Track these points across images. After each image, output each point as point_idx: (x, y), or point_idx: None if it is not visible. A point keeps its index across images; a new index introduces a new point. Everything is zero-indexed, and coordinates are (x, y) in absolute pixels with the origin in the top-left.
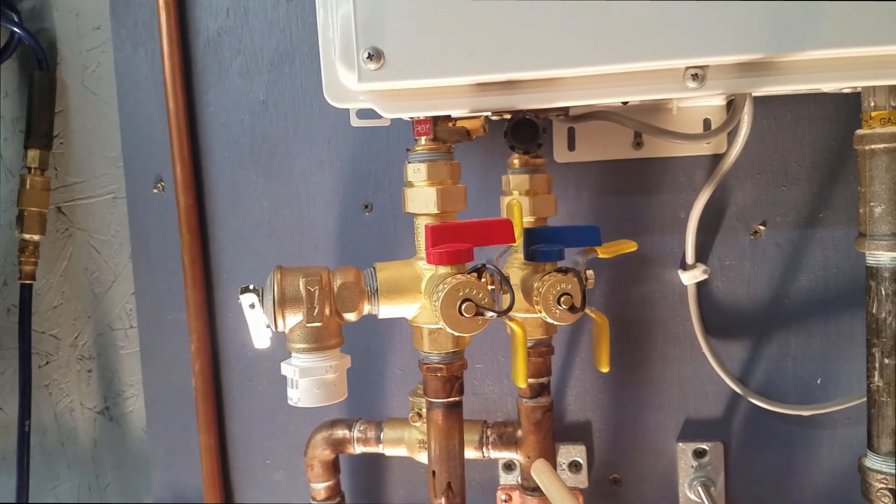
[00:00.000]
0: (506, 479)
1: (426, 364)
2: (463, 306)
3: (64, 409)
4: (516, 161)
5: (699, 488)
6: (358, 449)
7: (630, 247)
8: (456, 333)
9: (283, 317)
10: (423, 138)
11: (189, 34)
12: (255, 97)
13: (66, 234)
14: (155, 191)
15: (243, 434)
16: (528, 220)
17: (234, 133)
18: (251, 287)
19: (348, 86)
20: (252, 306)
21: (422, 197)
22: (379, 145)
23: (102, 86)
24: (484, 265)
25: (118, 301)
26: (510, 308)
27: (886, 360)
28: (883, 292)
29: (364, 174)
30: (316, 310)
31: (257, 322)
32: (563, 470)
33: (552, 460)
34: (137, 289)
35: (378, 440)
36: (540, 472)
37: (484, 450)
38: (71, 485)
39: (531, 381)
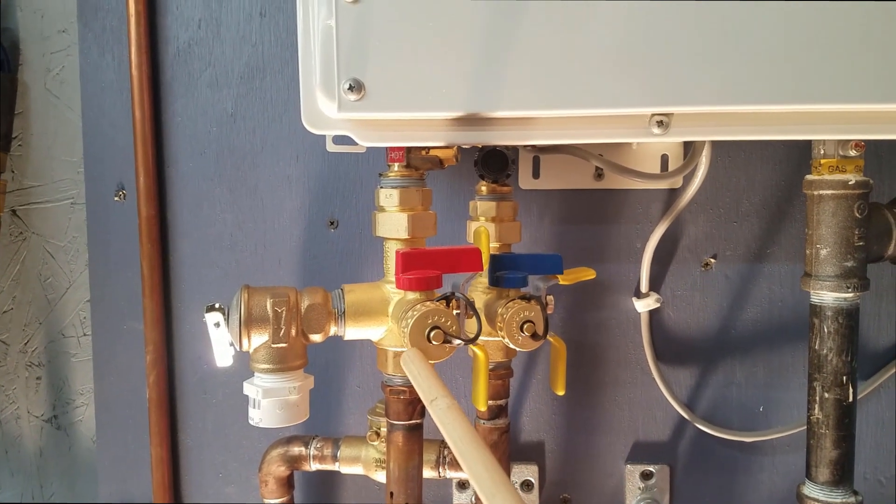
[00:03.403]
0: (459, 497)
1: (389, 386)
2: (432, 334)
3: (9, 417)
4: (484, 188)
5: None
6: (314, 466)
7: (588, 274)
8: None
9: (249, 337)
10: (397, 165)
11: (159, 43)
12: (223, 109)
13: (20, 237)
14: (116, 199)
15: (196, 447)
16: (493, 246)
17: (201, 144)
18: (217, 305)
19: (327, 114)
20: (217, 325)
21: (393, 222)
22: (347, 163)
23: (66, 90)
24: (453, 293)
25: (72, 308)
26: (477, 336)
27: (826, 394)
28: (825, 330)
29: (331, 191)
30: (282, 331)
31: (221, 341)
32: (516, 488)
33: None
34: (93, 297)
35: (335, 458)
36: (409, 362)
37: (440, 469)
38: (13, 493)
39: (490, 403)
